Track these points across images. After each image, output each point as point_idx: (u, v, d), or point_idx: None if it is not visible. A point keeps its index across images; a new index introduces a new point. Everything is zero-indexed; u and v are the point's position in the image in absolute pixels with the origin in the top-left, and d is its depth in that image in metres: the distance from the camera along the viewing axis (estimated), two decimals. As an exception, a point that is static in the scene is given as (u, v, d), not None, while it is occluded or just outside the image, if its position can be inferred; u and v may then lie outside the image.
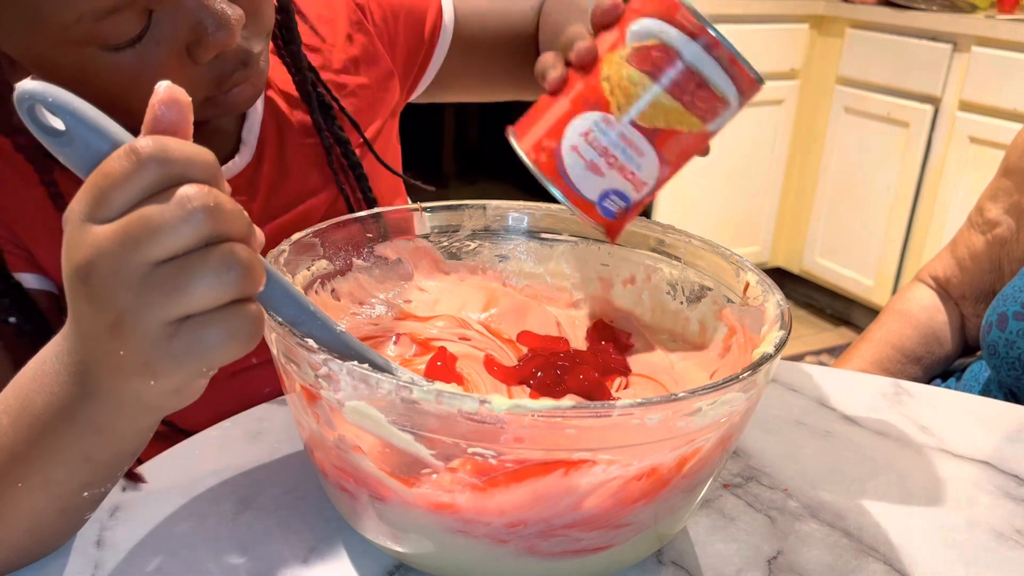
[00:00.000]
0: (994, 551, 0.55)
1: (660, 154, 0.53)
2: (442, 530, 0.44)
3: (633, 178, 0.53)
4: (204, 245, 0.37)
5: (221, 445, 0.61)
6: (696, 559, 0.52)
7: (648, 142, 0.52)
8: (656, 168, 0.53)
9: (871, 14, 2.52)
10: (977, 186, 2.21)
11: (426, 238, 0.63)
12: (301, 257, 0.56)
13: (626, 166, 0.52)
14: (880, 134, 2.53)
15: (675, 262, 0.61)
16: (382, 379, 0.39)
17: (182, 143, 0.37)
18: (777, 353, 0.45)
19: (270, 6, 0.64)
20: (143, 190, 0.36)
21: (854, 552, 0.53)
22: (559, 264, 0.66)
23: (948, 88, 2.35)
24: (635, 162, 0.52)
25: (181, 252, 0.37)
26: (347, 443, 0.44)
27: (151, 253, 0.36)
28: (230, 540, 0.51)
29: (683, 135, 0.53)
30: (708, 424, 0.42)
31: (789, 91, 2.71)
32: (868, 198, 2.60)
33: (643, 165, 0.53)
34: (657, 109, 0.51)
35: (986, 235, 0.96)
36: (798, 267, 2.89)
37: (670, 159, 0.53)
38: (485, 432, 0.39)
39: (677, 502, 0.46)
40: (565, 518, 0.43)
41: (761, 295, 0.53)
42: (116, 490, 0.55)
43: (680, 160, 0.54)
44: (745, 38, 2.56)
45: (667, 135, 0.52)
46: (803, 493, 0.59)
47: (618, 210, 0.54)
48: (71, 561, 0.49)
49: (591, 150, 0.52)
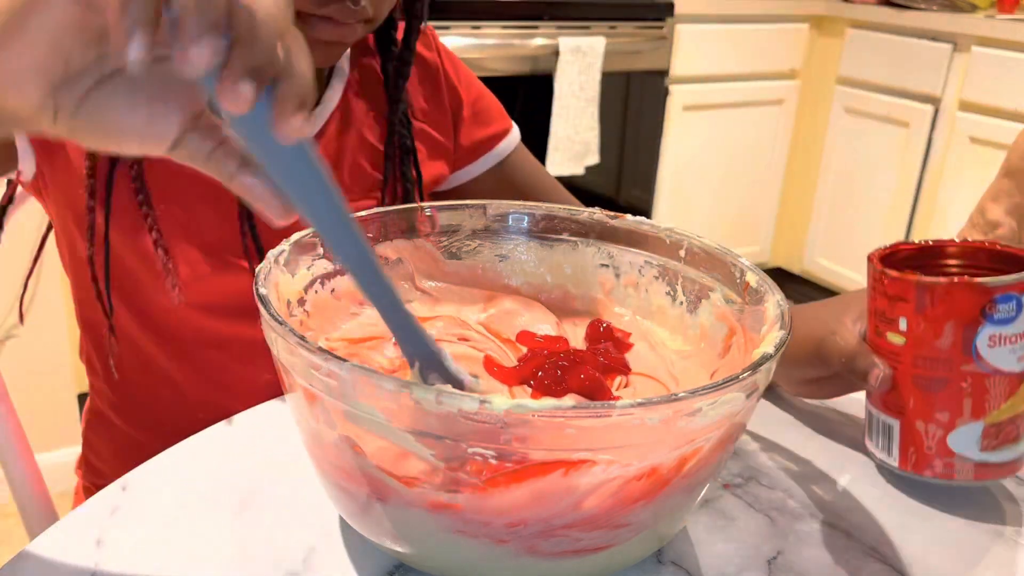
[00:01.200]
0: (994, 551, 0.55)
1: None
2: (442, 530, 0.44)
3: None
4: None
5: (221, 445, 0.61)
6: (696, 559, 0.52)
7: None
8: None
9: (871, 14, 2.52)
10: (977, 186, 2.21)
11: (426, 238, 0.63)
12: (301, 257, 0.56)
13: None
14: (880, 134, 2.54)
15: (675, 262, 0.61)
16: (382, 379, 0.39)
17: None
18: (777, 353, 0.45)
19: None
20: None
21: (854, 552, 0.53)
22: (559, 264, 0.65)
23: (948, 88, 2.35)
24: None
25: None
26: (347, 443, 0.44)
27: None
28: (230, 540, 0.51)
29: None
30: (708, 424, 0.42)
31: (789, 91, 2.71)
32: (868, 198, 2.60)
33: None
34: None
35: (987, 236, 0.96)
36: (798, 267, 2.89)
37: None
38: (485, 432, 0.39)
39: (677, 502, 0.46)
40: (565, 518, 0.43)
41: (761, 295, 0.53)
42: (116, 490, 0.55)
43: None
44: (745, 38, 2.57)
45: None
46: (803, 493, 0.59)
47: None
48: (71, 561, 0.49)
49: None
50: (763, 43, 2.61)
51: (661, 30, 2.37)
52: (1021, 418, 0.56)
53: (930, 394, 0.56)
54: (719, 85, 2.56)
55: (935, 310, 0.54)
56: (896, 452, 0.59)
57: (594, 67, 2.22)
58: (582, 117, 2.26)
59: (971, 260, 0.61)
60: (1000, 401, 0.55)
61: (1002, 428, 0.56)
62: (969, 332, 0.54)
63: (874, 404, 0.60)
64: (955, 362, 0.54)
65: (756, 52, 2.60)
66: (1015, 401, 0.55)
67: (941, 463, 0.57)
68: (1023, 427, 0.57)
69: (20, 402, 0.88)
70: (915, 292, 0.55)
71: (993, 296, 0.53)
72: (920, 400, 0.56)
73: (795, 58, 2.69)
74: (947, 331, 0.54)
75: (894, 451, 0.59)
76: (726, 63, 2.56)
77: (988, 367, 0.54)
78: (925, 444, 0.57)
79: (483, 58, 2.10)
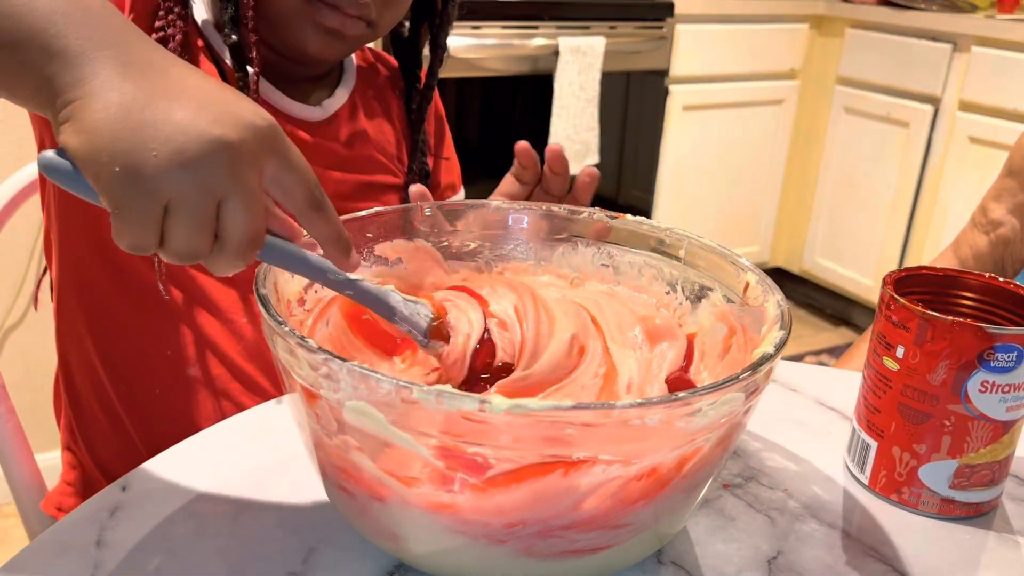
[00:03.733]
0: (994, 551, 0.55)
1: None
2: (442, 530, 0.44)
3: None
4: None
5: (221, 445, 0.61)
6: (696, 559, 0.52)
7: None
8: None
9: (871, 14, 2.52)
10: (977, 186, 2.21)
11: (426, 238, 0.63)
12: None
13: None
14: (880, 134, 2.54)
15: (675, 262, 0.61)
16: (382, 379, 0.39)
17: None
18: (777, 353, 0.45)
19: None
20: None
21: (854, 552, 0.53)
22: (559, 264, 0.65)
23: (948, 88, 2.35)
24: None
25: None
26: (347, 443, 0.44)
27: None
28: (230, 540, 0.51)
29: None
30: (708, 424, 0.42)
31: (789, 91, 2.71)
32: (868, 198, 2.60)
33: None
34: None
35: (989, 235, 0.96)
36: (798, 267, 2.89)
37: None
38: (485, 432, 0.39)
39: (677, 502, 0.46)
40: (565, 518, 0.43)
41: (761, 295, 0.53)
42: (116, 490, 0.55)
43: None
44: (745, 38, 2.57)
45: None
46: (803, 493, 0.59)
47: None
48: (71, 561, 0.49)
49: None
50: (763, 43, 2.61)
51: (661, 30, 2.37)
52: (998, 465, 0.56)
53: (912, 424, 0.56)
54: (719, 85, 2.56)
55: (933, 345, 0.54)
56: (868, 471, 0.59)
57: (594, 67, 2.22)
58: (582, 117, 2.26)
59: (991, 298, 0.60)
60: (979, 445, 0.55)
61: (976, 471, 0.56)
62: (963, 374, 0.53)
63: (859, 421, 0.60)
64: (942, 400, 0.54)
65: (756, 52, 2.60)
66: (995, 448, 0.55)
67: (909, 491, 0.57)
68: (998, 474, 0.57)
69: (20, 402, 0.88)
70: (917, 323, 0.54)
71: (994, 344, 0.52)
72: (901, 428, 0.57)
73: (795, 58, 2.68)
74: (940, 368, 0.54)
75: (867, 470, 0.59)
76: (726, 63, 2.56)
77: (974, 411, 0.54)
78: (896, 470, 0.57)
79: (483, 58, 2.10)
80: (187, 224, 0.41)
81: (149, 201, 0.40)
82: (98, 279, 0.75)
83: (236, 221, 0.41)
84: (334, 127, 0.83)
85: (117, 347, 0.77)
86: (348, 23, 0.73)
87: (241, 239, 0.42)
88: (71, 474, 0.83)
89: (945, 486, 0.56)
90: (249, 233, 0.42)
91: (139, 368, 0.77)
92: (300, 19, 0.73)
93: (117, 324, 0.77)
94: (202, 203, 0.40)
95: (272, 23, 0.75)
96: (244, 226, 0.42)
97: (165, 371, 0.77)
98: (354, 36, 0.75)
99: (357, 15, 0.73)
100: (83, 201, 0.43)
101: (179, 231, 0.41)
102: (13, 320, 1.65)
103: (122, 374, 0.78)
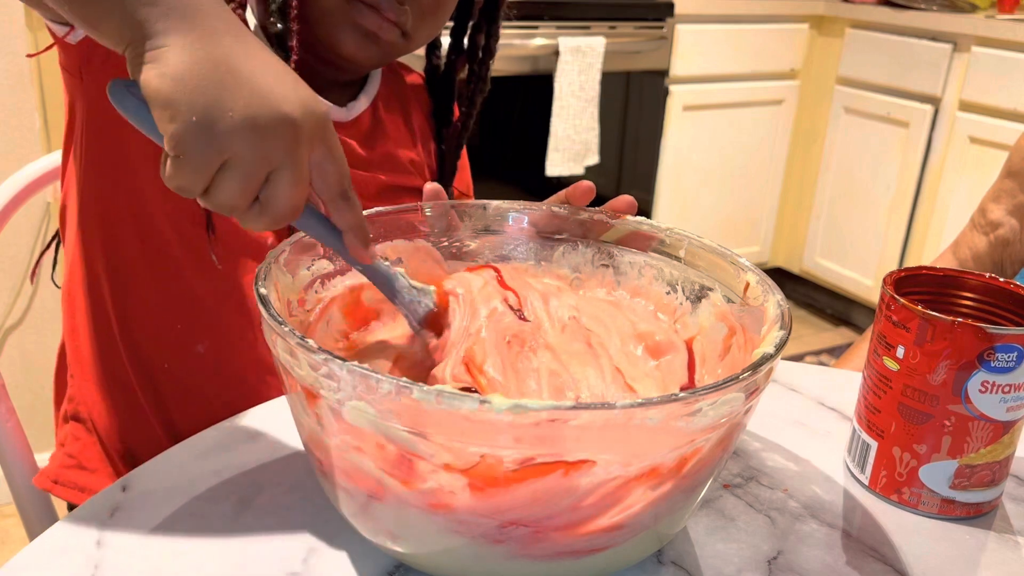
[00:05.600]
0: (994, 551, 0.55)
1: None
2: (441, 530, 0.44)
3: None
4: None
5: (221, 445, 0.61)
6: (696, 559, 0.52)
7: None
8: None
9: (871, 14, 2.52)
10: (977, 186, 2.21)
11: (426, 238, 0.63)
12: (301, 257, 0.56)
13: None
14: (880, 134, 2.54)
15: (675, 262, 0.61)
16: (382, 379, 0.39)
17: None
18: (777, 353, 0.45)
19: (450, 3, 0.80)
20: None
21: (854, 552, 0.53)
22: (559, 264, 0.65)
23: (948, 88, 2.35)
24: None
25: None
26: (347, 443, 0.44)
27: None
28: (230, 540, 0.51)
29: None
30: (708, 424, 0.42)
31: (789, 91, 2.71)
32: (868, 198, 2.60)
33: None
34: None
35: (988, 236, 0.96)
36: (798, 267, 2.89)
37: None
38: (485, 432, 0.39)
39: (677, 502, 0.46)
40: (564, 518, 0.43)
41: (761, 295, 0.53)
42: (116, 490, 0.55)
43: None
44: (745, 38, 2.57)
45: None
46: (803, 493, 0.59)
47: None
48: (71, 561, 0.49)
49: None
50: (763, 43, 2.61)
51: (661, 30, 2.37)
52: (998, 465, 0.56)
53: (912, 425, 0.56)
54: (719, 85, 2.56)
55: (933, 346, 0.54)
56: (868, 471, 0.59)
57: (594, 67, 2.23)
58: (582, 117, 2.26)
59: (991, 298, 0.60)
60: (980, 445, 0.55)
61: (976, 471, 0.56)
62: (963, 374, 0.53)
63: (859, 421, 0.60)
64: (942, 400, 0.54)
65: (756, 52, 2.60)
66: (995, 448, 0.55)
67: (909, 491, 0.57)
68: (998, 474, 0.57)
69: (20, 402, 0.88)
70: (917, 323, 0.54)
71: (994, 344, 0.52)
72: (901, 428, 0.57)
73: (795, 58, 2.68)
74: (941, 368, 0.54)
75: (867, 470, 0.59)
76: (726, 63, 2.56)
77: (975, 411, 0.54)
78: (897, 470, 0.58)
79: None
80: (238, 182, 0.44)
81: (213, 153, 0.43)
82: (126, 244, 0.76)
83: (282, 191, 0.45)
84: (357, 128, 0.85)
85: (136, 312, 0.79)
86: (384, 27, 0.76)
87: (283, 207, 0.46)
88: (74, 445, 0.83)
89: (945, 486, 0.56)
90: (291, 204, 0.46)
91: (154, 341, 0.79)
92: (339, 18, 0.75)
93: (137, 287, 0.78)
94: (258, 168, 0.44)
95: (311, 22, 0.76)
96: (288, 198, 0.46)
97: (175, 344, 0.78)
98: (388, 41, 0.77)
99: (394, 20, 0.76)
100: (122, 167, 0.45)
101: (229, 185, 0.44)
102: (13, 320, 1.65)
103: (136, 340, 0.79)
